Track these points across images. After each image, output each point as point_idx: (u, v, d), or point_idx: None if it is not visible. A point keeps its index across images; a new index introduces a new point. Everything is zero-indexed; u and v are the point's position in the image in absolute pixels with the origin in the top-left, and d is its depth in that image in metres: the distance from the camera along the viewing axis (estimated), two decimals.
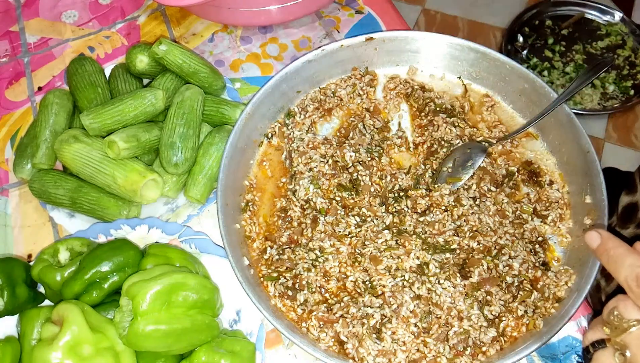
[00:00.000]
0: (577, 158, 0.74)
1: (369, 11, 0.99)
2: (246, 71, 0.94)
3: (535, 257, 0.70)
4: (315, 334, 0.66)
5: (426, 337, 0.65)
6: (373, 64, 0.87)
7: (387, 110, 0.85)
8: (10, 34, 1.02)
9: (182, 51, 0.82)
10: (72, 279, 0.64)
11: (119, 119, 0.76)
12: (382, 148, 0.80)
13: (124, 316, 0.59)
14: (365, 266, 0.69)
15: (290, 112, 0.83)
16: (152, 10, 1.03)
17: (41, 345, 0.57)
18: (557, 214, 0.73)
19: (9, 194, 0.84)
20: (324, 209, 0.73)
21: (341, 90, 0.85)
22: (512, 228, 0.72)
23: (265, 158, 0.81)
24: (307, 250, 0.71)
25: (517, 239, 0.71)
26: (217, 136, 0.79)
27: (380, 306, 0.66)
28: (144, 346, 0.58)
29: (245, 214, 0.76)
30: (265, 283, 0.70)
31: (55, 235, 0.80)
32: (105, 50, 0.98)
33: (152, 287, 0.58)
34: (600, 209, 0.69)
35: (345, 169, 0.77)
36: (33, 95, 0.94)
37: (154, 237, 0.73)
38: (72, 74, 0.85)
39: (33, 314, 0.64)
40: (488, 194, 0.75)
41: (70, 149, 0.74)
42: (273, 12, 0.92)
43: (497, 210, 0.73)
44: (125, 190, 0.73)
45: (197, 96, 0.79)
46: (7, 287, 0.65)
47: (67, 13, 1.04)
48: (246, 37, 0.98)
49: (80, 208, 0.76)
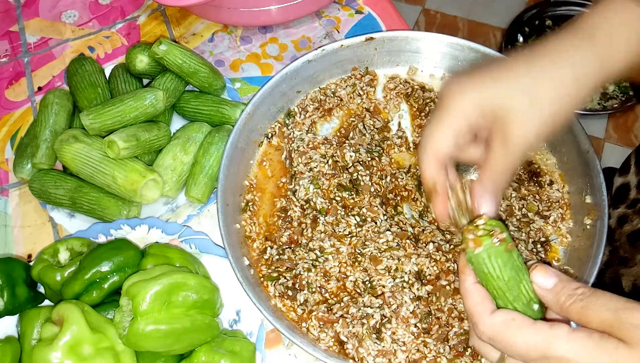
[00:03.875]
0: (577, 158, 0.74)
1: (369, 11, 0.99)
2: (246, 71, 0.94)
3: (537, 257, 0.70)
4: (315, 334, 0.66)
5: (426, 337, 0.65)
6: (373, 64, 0.87)
7: (387, 110, 0.85)
8: (10, 34, 1.02)
9: (182, 51, 0.82)
10: (72, 279, 0.64)
11: (119, 119, 0.76)
12: (382, 148, 0.80)
13: (124, 316, 0.59)
14: (365, 266, 0.69)
15: (290, 112, 0.83)
16: (152, 10, 1.03)
17: (41, 345, 0.57)
18: (558, 214, 0.73)
19: (9, 194, 0.84)
20: (324, 209, 0.73)
21: (341, 90, 0.85)
22: (517, 228, 0.72)
23: (265, 158, 0.81)
24: (307, 250, 0.71)
25: (522, 240, 0.71)
26: (217, 136, 0.79)
27: (380, 307, 0.66)
28: (144, 346, 0.58)
29: (245, 214, 0.76)
30: (265, 283, 0.70)
31: (55, 235, 0.80)
32: (105, 50, 0.98)
33: (152, 287, 0.58)
34: (601, 209, 0.69)
35: (345, 169, 0.77)
36: (33, 95, 0.94)
37: (154, 237, 0.73)
38: (72, 74, 0.85)
39: (33, 314, 0.64)
40: None
41: (70, 149, 0.74)
42: (273, 12, 0.92)
43: (507, 206, 0.73)
44: (125, 190, 0.73)
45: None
46: (7, 287, 0.65)
47: (67, 13, 1.04)
48: (246, 37, 0.98)
49: (80, 208, 0.76)
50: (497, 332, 0.46)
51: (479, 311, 0.48)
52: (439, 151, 0.54)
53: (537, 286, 0.48)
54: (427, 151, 0.54)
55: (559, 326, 0.43)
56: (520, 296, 0.48)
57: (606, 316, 0.41)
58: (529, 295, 0.48)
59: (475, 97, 0.52)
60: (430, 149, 0.54)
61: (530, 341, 0.44)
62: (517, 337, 0.45)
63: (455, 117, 0.53)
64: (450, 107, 0.53)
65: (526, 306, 0.48)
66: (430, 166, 0.54)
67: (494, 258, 0.48)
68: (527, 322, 0.45)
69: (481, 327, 0.47)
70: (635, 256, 0.88)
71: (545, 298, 0.47)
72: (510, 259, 0.48)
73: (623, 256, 0.89)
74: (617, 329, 0.40)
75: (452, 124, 0.53)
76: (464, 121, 0.53)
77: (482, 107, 0.52)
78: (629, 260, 0.89)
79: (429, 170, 0.55)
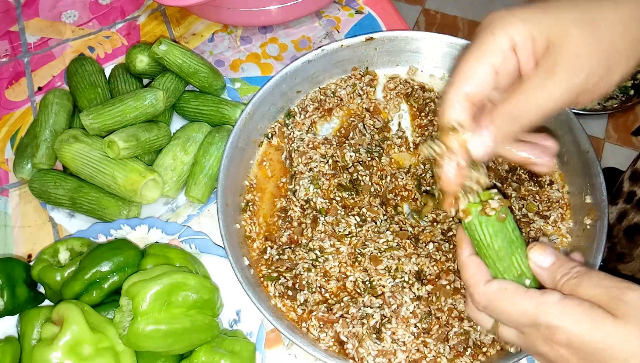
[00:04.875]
0: (577, 158, 0.74)
1: (369, 11, 0.99)
2: (246, 71, 0.94)
3: None
4: (315, 334, 0.66)
5: (426, 337, 0.65)
6: (373, 64, 0.87)
7: (387, 110, 0.85)
8: (10, 34, 1.02)
9: (182, 51, 0.82)
10: (72, 279, 0.64)
11: (119, 119, 0.76)
12: (382, 148, 0.80)
13: (124, 316, 0.59)
14: (365, 266, 0.69)
15: (290, 112, 0.83)
16: (152, 10, 1.03)
17: (41, 345, 0.57)
18: (558, 214, 0.73)
19: (9, 194, 0.84)
20: (324, 209, 0.73)
21: (341, 90, 0.85)
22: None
23: (265, 158, 0.81)
24: (307, 250, 0.71)
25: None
26: (217, 136, 0.79)
27: (380, 307, 0.66)
28: (144, 346, 0.58)
29: (245, 214, 0.76)
30: (265, 283, 0.70)
31: (55, 235, 0.80)
32: (105, 50, 0.98)
33: (152, 287, 0.58)
34: (601, 209, 0.69)
35: (346, 169, 0.77)
36: (33, 95, 0.94)
37: (154, 237, 0.73)
38: (72, 74, 0.85)
39: (33, 314, 0.64)
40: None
41: (70, 149, 0.74)
42: (273, 12, 0.92)
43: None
44: (125, 190, 0.73)
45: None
46: (7, 287, 0.65)
47: (67, 13, 1.04)
48: (246, 37, 0.98)
49: (80, 208, 0.76)
50: (490, 300, 0.47)
51: (474, 282, 0.49)
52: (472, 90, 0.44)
53: (533, 264, 0.48)
54: (456, 87, 0.44)
55: (550, 293, 0.44)
56: (512, 269, 0.48)
57: (597, 292, 0.42)
58: (521, 269, 0.48)
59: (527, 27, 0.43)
60: (462, 86, 0.44)
61: (521, 308, 0.44)
62: (509, 305, 0.45)
63: (498, 50, 0.43)
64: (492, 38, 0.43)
65: (517, 279, 0.48)
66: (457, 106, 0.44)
67: (485, 226, 0.48)
68: (520, 290, 0.45)
69: (476, 297, 0.48)
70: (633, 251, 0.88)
71: (542, 277, 0.48)
72: (502, 229, 0.48)
73: (620, 252, 0.89)
74: (606, 304, 0.41)
75: (495, 57, 0.43)
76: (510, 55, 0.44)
77: (534, 38, 0.43)
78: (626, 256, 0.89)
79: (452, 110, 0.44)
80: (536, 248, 0.48)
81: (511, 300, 0.45)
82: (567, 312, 0.42)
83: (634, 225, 0.86)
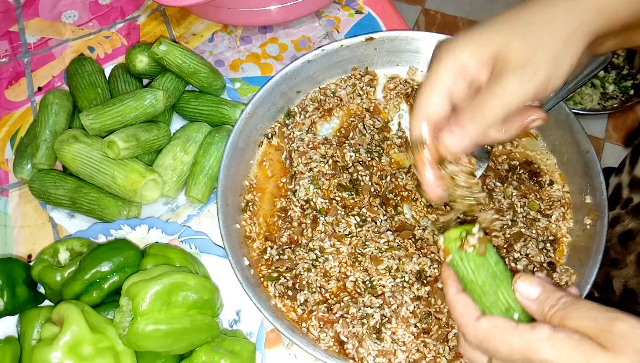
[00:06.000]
0: (577, 158, 0.74)
1: (369, 11, 0.99)
2: (246, 71, 0.94)
3: (545, 257, 0.70)
4: (315, 334, 0.66)
5: (426, 337, 0.65)
6: (373, 64, 0.87)
7: (387, 110, 0.85)
8: (10, 34, 1.02)
9: (182, 51, 0.82)
10: (72, 279, 0.64)
11: (119, 119, 0.76)
12: (382, 148, 0.80)
13: (124, 316, 0.59)
14: (365, 266, 0.69)
15: (290, 112, 0.83)
16: (152, 10, 1.03)
17: (41, 345, 0.57)
18: (560, 212, 0.73)
19: (9, 195, 0.84)
20: (324, 209, 0.73)
21: (341, 90, 0.85)
22: (525, 226, 0.72)
23: (265, 158, 0.81)
24: (307, 250, 0.71)
25: (533, 238, 0.71)
26: (217, 136, 0.79)
27: (380, 307, 0.66)
28: (144, 346, 0.58)
29: (245, 215, 0.76)
30: (265, 283, 0.70)
31: (55, 235, 0.80)
32: (105, 50, 0.98)
33: (152, 287, 0.58)
34: (600, 209, 0.69)
35: (345, 169, 0.77)
36: (33, 95, 0.94)
37: (154, 237, 0.73)
38: (72, 74, 0.85)
39: (33, 314, 0.64)
40: (496, 189, 0.75)
41: (70, 149, 0.74)
42: (273, 12, 0.92)
43: (509, 204, 0.73)
44: (125, 190, 0.73)
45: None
46: (7, 287, 0.65)
47: (67, 13, 1.04)
48: (246, 37, 0.98)
49: (80, 208, 0.76)
50: (482, 339, 0.47)
51: (464, 321, 0.49)
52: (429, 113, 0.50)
53: (520, 296, 0.48)
54: (417, 114, 0.51)
55: (540, 327, 0.44)
56: (498, 303, 0.48)
57: (586, 324, 0.42)
58: (507, 303, 0.48)
59: (471, 49, 0.49)
60: (421, 111, 0.51)
61: (513, 345, 0.45)
62: (499, 343, 0.46)
63: (447, 75, 0.50)
64: (441, 65, 0.50)
65: (504, 313, 0.48)
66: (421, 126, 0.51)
67: (466, 262, 0.49)
68: (509, 326, 0.46)
69: (467, 336, 0.48)
70: (626, 257, 0.87)
71: (530, 308, 0.48)
72: (484, 263, 0.49)
73: (614, 258, 0.89)
74: (596, 336, 0.41)
75: (445, 82, 0.50)
76: (459, 77, 0.49)
77: (480, 56, 0.49)
78: (620, 262, 0.88)
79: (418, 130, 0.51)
80: (522, 280, 0.48)
81: (501, 339, 0.46)
82: (558, 347, 0.42)
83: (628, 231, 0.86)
